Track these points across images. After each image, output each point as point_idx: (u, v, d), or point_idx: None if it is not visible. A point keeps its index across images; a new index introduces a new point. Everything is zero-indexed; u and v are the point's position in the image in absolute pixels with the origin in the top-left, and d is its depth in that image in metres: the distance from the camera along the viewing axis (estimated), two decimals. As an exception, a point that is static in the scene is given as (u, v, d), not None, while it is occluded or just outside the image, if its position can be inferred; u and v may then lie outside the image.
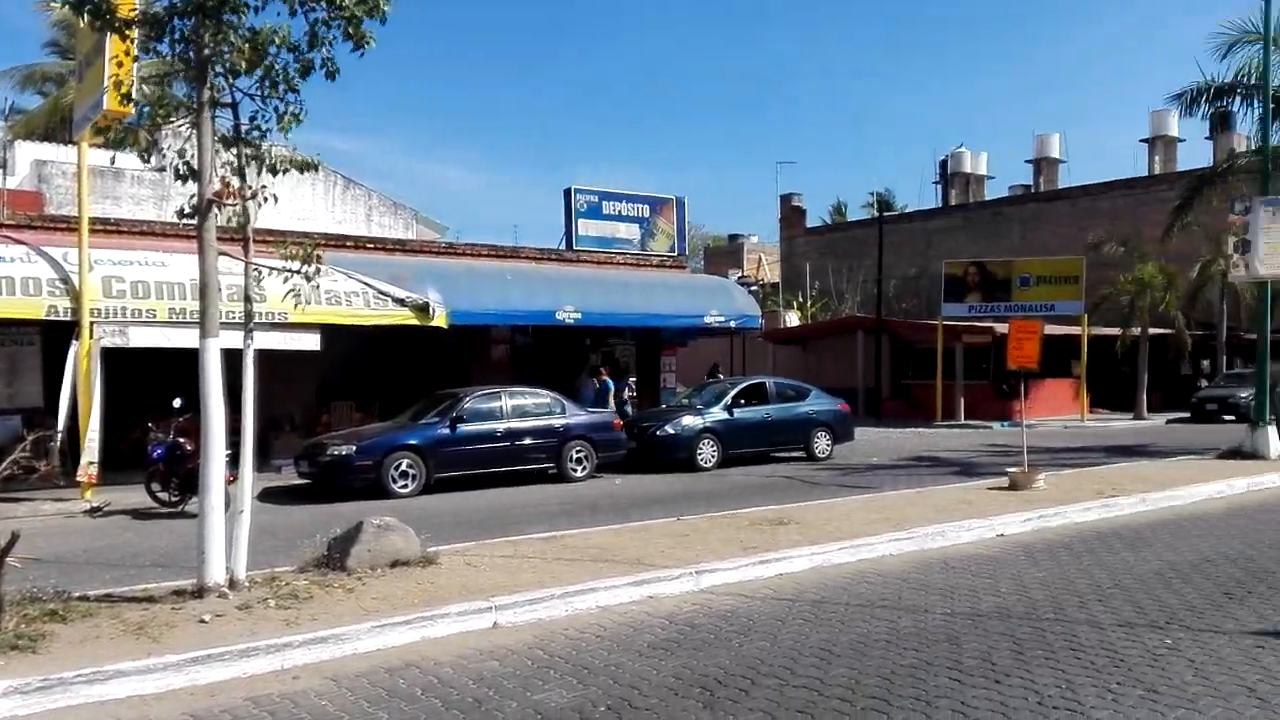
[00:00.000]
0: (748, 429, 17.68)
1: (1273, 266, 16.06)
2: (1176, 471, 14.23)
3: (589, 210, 21.92)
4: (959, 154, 49.21)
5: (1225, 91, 19.41)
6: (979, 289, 29.83)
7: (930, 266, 40.13)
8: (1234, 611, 6.50)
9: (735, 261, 55.84)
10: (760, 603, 7.06)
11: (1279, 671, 5.19)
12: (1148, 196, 38.17)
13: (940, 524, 9.64)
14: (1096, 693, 4.93)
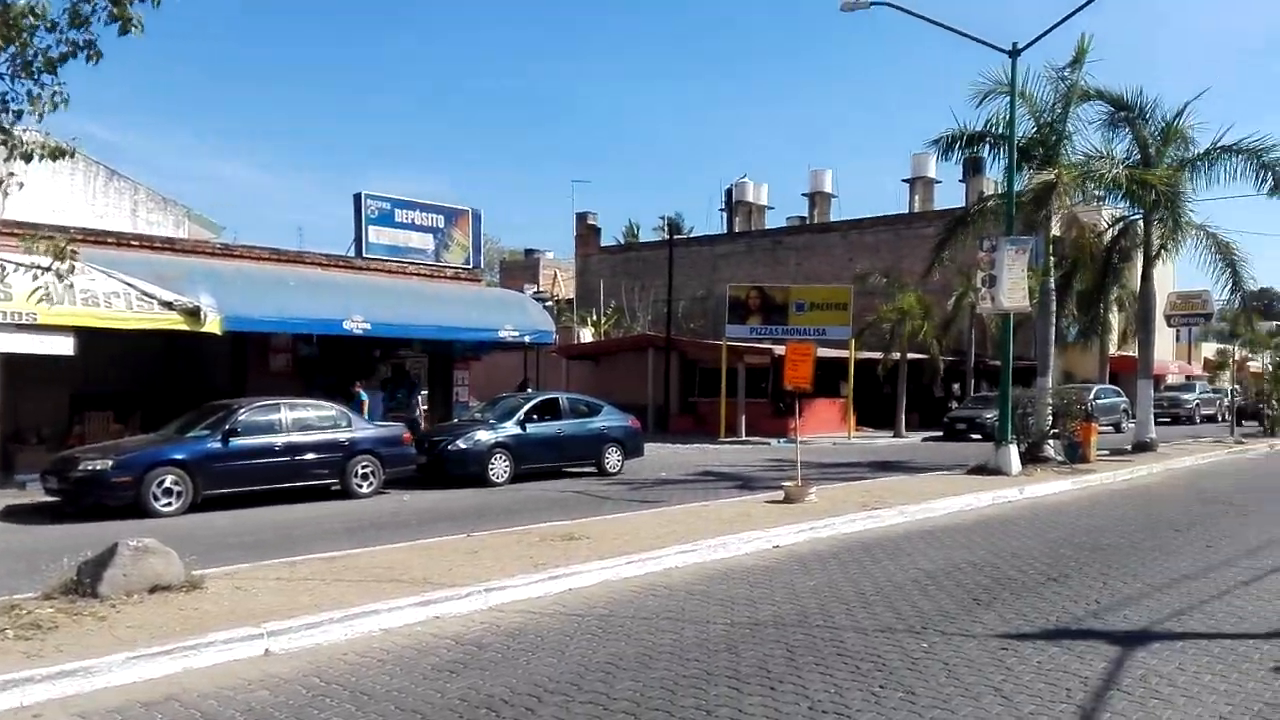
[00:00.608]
0: (541, 444, 17.67)
1: (1014, 300, 17.82)
2: (931, 486, 15.46)
3: (381, 217, 21.26)
4: (743, 184, 51.53)
5: (977, 139, 21.46)
6: (760, 312, 31.32)
7: (716, 289, 41.75)
8: (981, 616, 7.13)
9: (531, 276, 55.89)
10: (549, 619, 7.06)
11: (1021, 671, 5.73)
12: (908, 232, 41.55)
13: (722, 536, 10.01)
14: (862, 696, 5.26)
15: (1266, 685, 5.43)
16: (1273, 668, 5.77)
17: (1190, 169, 22.50)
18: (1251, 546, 10.13)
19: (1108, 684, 5.46)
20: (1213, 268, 23.60)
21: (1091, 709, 5.04)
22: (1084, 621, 6.94)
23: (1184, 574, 8.67)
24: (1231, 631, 6.66)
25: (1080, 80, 20.90)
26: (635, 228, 61.65)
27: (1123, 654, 6.06)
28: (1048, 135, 21.00)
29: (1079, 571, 8.80)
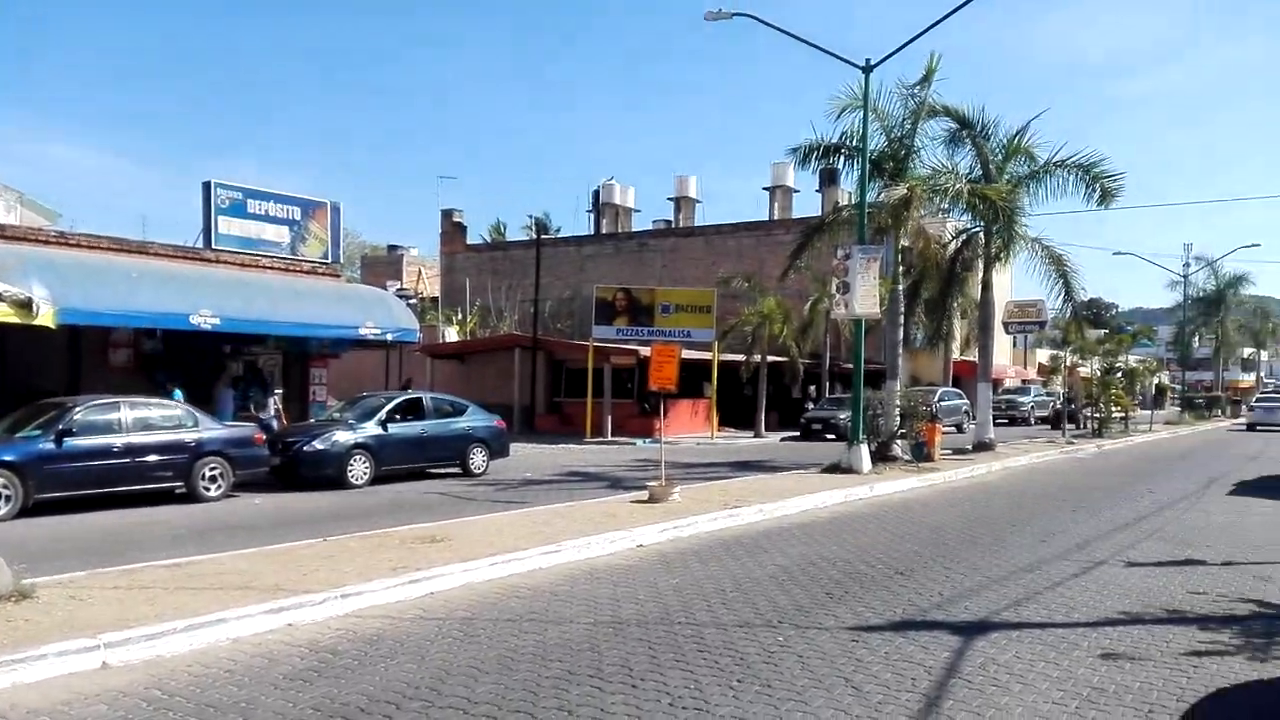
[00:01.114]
0: (403, 445, 17.29)
1: (867, 306, 18.57)
2: (788, 485, 15.93)
3: (232, 208, 20.34)
4: (610, 186, 51.83)
5: (833, 150, 22.29)
6: (627, 313, 31.58)
7: (583, 289, 41.85)
8: (834, 610, 7.40)
9: (395, 273, 54.56)
10: (409, 624, 6.92)
11: (870, 662, 5.98)
12: (769, 239, 42.73)
13: (587, 536, 10.04)
14: (720, 690, 5.38)
15: (1094, 671, 5.83)
16: (1100, 654, 6.21)
17: (1027, 184, 23.99)
18: (1081, 540, 10.87)
19: (950, 673, 5.76)
20: (1046, 278, 25.25)
21: (935, 697, 5.31)
22: (929, 613, 7.30)
23: (1020, 567, 9.23)
24: (1063, 621, 7.12)
25: (929, 97, 21.98)
26: (502, 226, 61.04)
27: (964, 644, 6.41)
28: (898, 149, 22.00)
29: (924, 565, 9.25)
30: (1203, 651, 6.26)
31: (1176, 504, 14.51)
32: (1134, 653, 6.23)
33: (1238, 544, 10.71)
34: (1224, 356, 69.92)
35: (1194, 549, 10.34)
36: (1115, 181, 23.03)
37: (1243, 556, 9.91)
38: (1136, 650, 6.29)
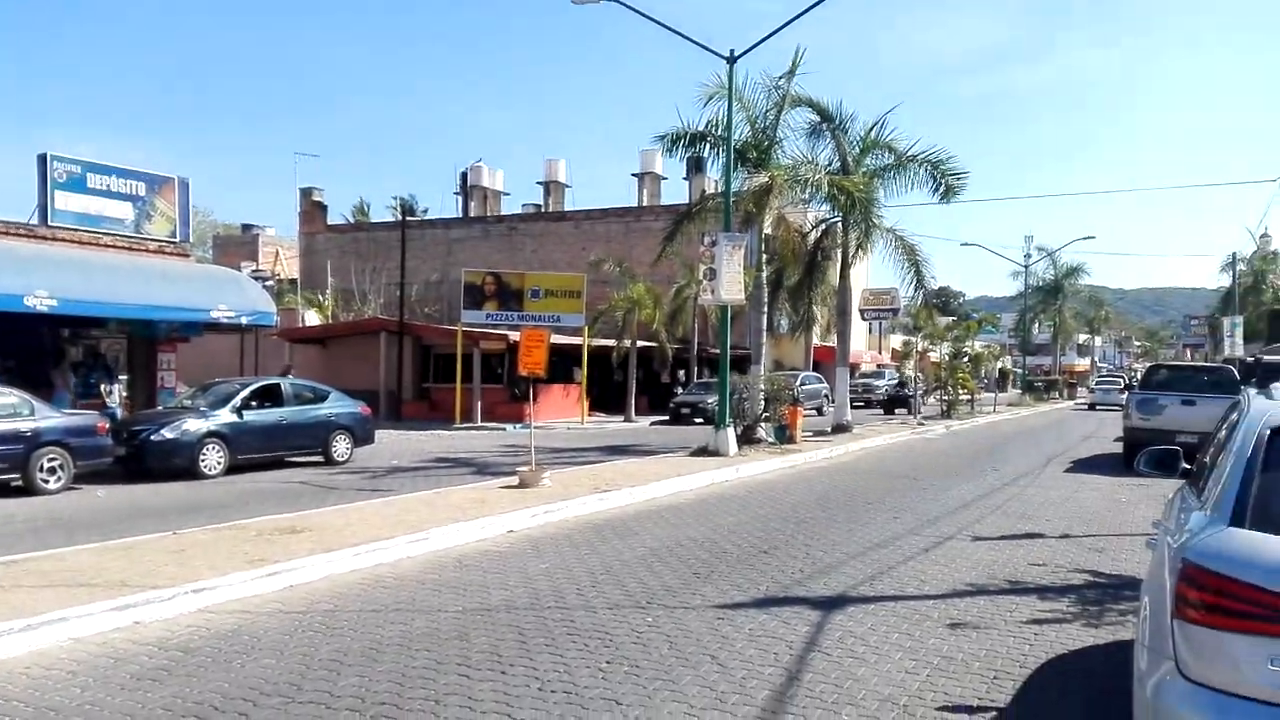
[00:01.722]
0: (260, 433, 16.62)
1: (732, 293, 18.95)
2: (658, 468, 16.14)
3: (70, 182, 19.02)
4: (478, 168, 51.09)
5: (699, 139, 22.59)
6: (496, 298, 31.23)
7: (452, 273, 41.14)
8: (701, 589, 7.55)
9: (250, 254, 52.34)
10: (267, 618, 6.68)
11: (735, 639, 6.13)
12: (638, 225, 43.06)
13: (456, 524, 9.91)
14: (590, 672, 5.41)
15: (943, 640, 6.15)
16: (948, 624, 6.54)
17: (882, 176, 24.92)
18: (931, 516, 11.43)
19: (810, 646, 5.97)
20: (900, 267, 26.34)
21: (796, 670, 5.50)
22: (790, 590, 7.54)
23: (875, 543, 9.63)
24: (914, 593, 7.48)
25: (792, 90, 22.55)
26: (366, 207, 59.26)
27: (823, 618, 6.65)
28: (761, 140, 22.50)
29: (786, 544, 9.54)
30: (1043, 620, 6.68)
31: (1018, 480, 15.42)
32: (980, 622, 6.60)
33: (1074, 518, 11.48)
34: (1061, 342, 74.75)
35: (1034, 523, 11.02)
36: (959, 179, 24.18)
37: (1078, 530, 10.62)
38: (982, 620, 6.66)
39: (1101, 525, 10.96)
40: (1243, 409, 3.94)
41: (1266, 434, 3.36)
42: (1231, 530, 3.12)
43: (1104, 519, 11.45)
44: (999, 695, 5.12)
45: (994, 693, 5.16)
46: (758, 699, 5.01)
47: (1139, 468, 5.30)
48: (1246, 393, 4.13)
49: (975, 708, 4.94)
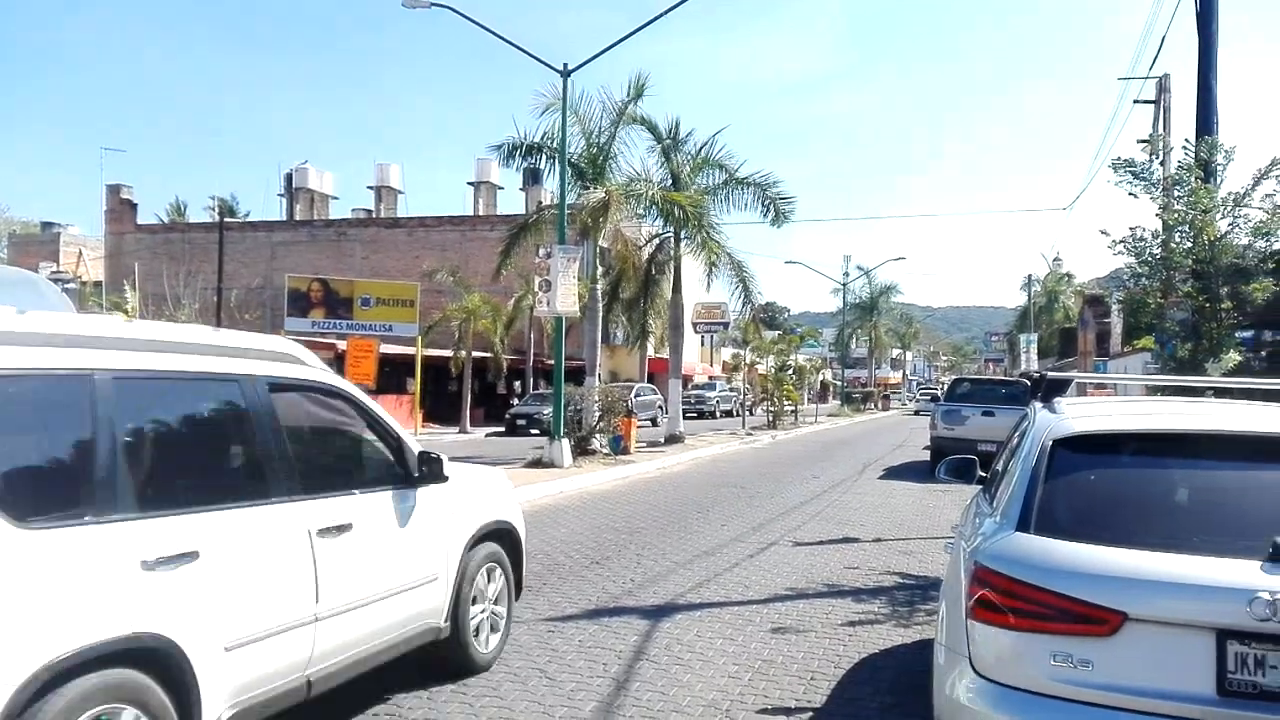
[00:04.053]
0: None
1: (567, 305, 19.04)
2: (491, 481, 15.93)
3: None
4: (304, 170, 49.24)
5: (536, 149, 22.65)
6: (323, 305, 30.25)
7: (275, 279, 39.41)
8: (532, 602, 7.52)
9: (51, 254, 48.44)
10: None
11: (565, 651, 6.14)
12: (474, 234, 42.60)
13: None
14: (414, 696, 5.29)
15: (765, 644, 6.38)
16: (770, 629, 6.79)
17: (714, 194, 25.67)
18: (756, 523, 11.82)
19: (638, 655, 6.07)
20: (729, 282, 27.17)
21: (624, 680, 5.57)
22: (620, 599, 7.64)
23: (703, 550, 9.88)
24: (739, 599, 7.72)
25: (629, 107, 22.92)
26: (181, 207, 56.02)
27: (651, 626, 6.77)
28: (597, 155, 22.75)
29: (618, 554, 9.65)
30: (856, 621, 7.04)
31: (837, 487, 16.18)
32: (799, 626, 6.89)
33: (886, 522, 12.15)
34: (877, 356, 78.89)
35: (850, 528, 11.60)
36: (788, 203, 25.25)
37: (890, 533, 11.25)
38: (801, 623, 6.96)
39: (911, 529, 11.65)
40: (1030, 421, 4.28)
41: (1049, 445, 3.62)
42: (1018, 535, 3.37)
43: (913, 523, 12.17)
44: (815, 696, 5.36)
45: (810, 693, 5.40)
46: (585, 711, 5.05)
47: (939, 475, 5.66)
48: (1033, 406, 4.49)
49: (793, 709, 5.15)
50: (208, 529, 3.72)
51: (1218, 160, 12.05)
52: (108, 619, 3.21)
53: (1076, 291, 62.83)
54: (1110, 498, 3.50)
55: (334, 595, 4.31)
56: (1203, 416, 3.98)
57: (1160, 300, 12.64)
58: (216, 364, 4.18)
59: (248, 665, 3.81)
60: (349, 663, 4.52)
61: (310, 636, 4.17)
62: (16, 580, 2.96)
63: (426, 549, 5.15)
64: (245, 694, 3.81)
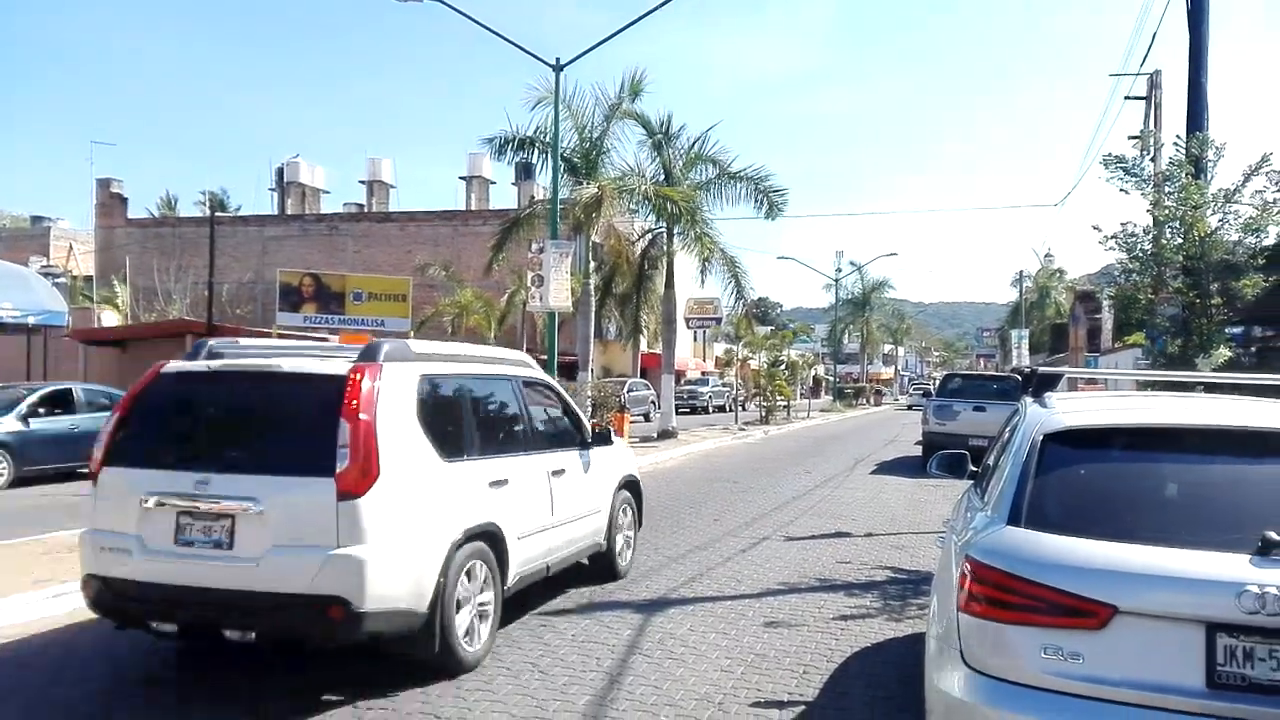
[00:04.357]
0: (50, 442, 15.32)
1: (559, 300, 19.05)
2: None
3: None
4: (295, 164, 49.06)
5: (528, 144, 22.63)
6: (315, 300, 29.99)
7: (266, 273, 39.31)
8: (526, 598, 7.52)
9: (40, 248, 48.12)
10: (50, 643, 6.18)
11: (558, 646, 6.16)
12: (466, 229, 42.49)
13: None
14: (408, 687, 5.31)
15: (758, 638, 6.41)
16: (763, 623, 6.82)
17: (707, 189, 25.68)
18: (749, 518, 11.86)
19: (631, 649, 6.09)
20: (722, 277, 27.19)
21: (618, 674, 5.59)
22: (613, 594, 7.65)
23: (696, 545, 9.91)
24: (732, 593, 7.75)
25: (624, 102, 22.91)
26: (172, 200, 55.81)
27: (644, 621, 6.79)
28: (590, 149, 22.73)
29: (611, 549, 9.64)
30: (849, 615, 7.07)
31: (829, 482, 16.23)
32: (792, 620, 6.91)
33: (878, 517, 12.20)
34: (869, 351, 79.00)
35: (842, 522, 11.64)
36: (780, 196, 25.25)
37: (882, 528, 11.29)
38: (794, 617, 6.99)
39: (902, 524, 11.69)
40: (1021, 416, 4.30)
41: (1040, 440, 3.65)
42: (1009, 529, 3.40)
43: (905, 518, 12.22)
44: (808, 689, 5.39)
45: (803, 687, 5.43)
46: (579, 705, 5.07)
47: (931, 470, 5.68)
48: (1024, 401, 4.51)
49: (786, 702, 5.18)
50: (510, 467, 6.24)
51: (1208, 156, 12.10)
52: (477, 512, 5.72)
53: (1068, 287, 63.06)
54: (1101, 492, 3.53)
55: (559, 513, 6.87)
56: (1193, 411, 4.01)
57: (1151, 296, 12.69)
58: (501, 369, 6.82)
59: (526, 549, 6.33)
60: (562, 558, 7.09)
61: (549, 538, 6.73)
62: (446, 490, 5.50)
63: (596, 490, 7.73)
64: (524, 567, 6.34)
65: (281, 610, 4.83)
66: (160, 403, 5.51)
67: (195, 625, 5.06)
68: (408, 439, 5.30)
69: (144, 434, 5.40)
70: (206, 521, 4.96)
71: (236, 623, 4.87)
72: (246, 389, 5.46)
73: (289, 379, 5.41)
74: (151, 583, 5.01)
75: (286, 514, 4.90)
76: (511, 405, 6.73)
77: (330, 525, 4.84)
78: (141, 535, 5.06)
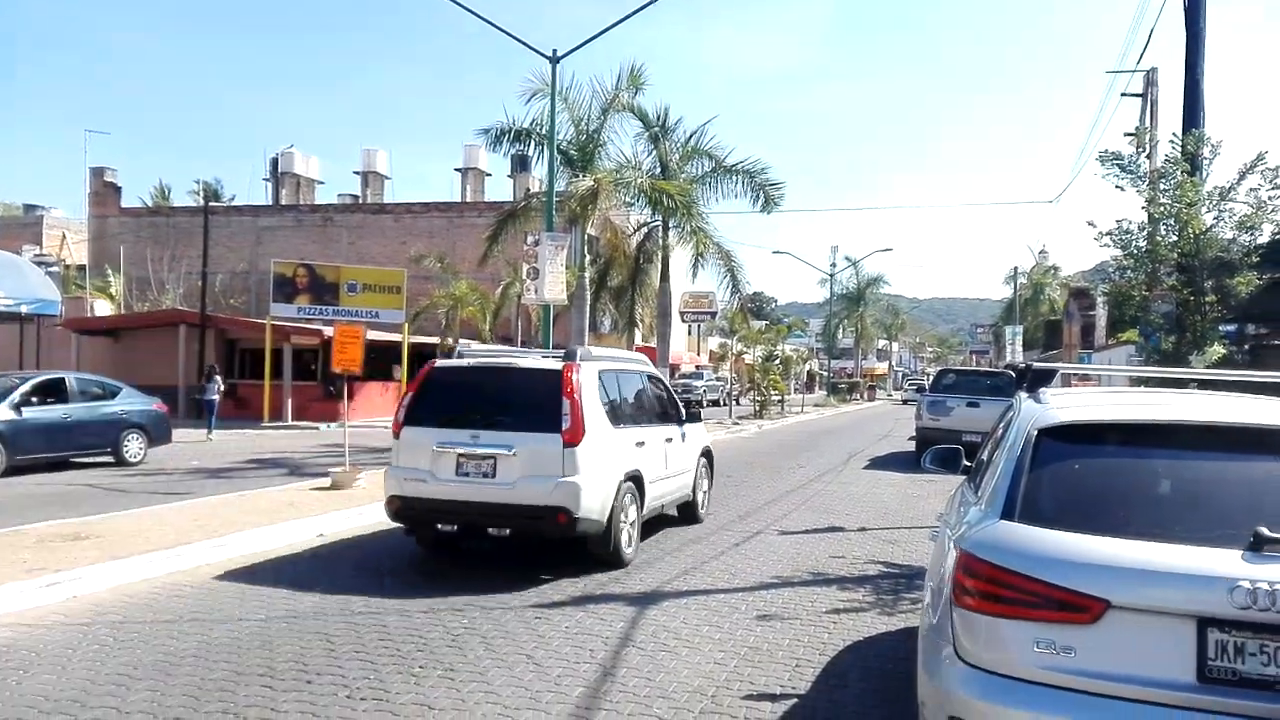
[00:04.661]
0: (42, 431, 15.29)
1: (554, 292, 19.02)
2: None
3: None
4: (290, 154, 48.87)
5: (525, 135, 22.54)
6: (309, 291, 29.93)
7: (260, 264, 39.22)
8: (520, 589, 7.53)
9: (34, 237, 47.98)
10: (48, 630, 6.18)
11: (552, 637, 6.17)
12: (461, 220, 42.39)
13: (261, 527, 9.48)
14: (402, 678, 5.32)
15: (750, 631, 6.42)
16: (756, 616, 6.83)
17: (703, 183, 25.62)
18: (742, 512, 11.86)
19: (625, 641, 6.10)
20: (717, 271, 27.16)
21: (611, 666, 5.60)
22: (607, 586, 7.66)
23: (690, 539, 9.91)
24: (725, 587, 7.76)
25: (622, 95, 22.84)
26: (166, 190, 55.46)
27: (638, 613, 6.80)
28: (586, 142, 22.67)
29: (605, 542, 9.65)
30: (842, 609, 7.09)
31: (822, 477, 16.25)
32: (785, 613, 6.93)
33: (871, 512, 12.22)
34: (863, 347, 79.06)
35: (835, 517, 11.65)
36: (777, 189, 25.18)
37: (875, 523, 11.31)
38: (787, 611, 7.00)
39: (895, 519, 11.71)
40: (1015, 411, 4.31)
41: (1034, 435, 3.65)
42: (1003, 523, 3.40)
43: (898, 513, 12.24)
44: (800, 683, 5.40)
45: (796, 680, 5.44)
46: (572, 696, 5.08)
47: (925, 465, 5.69)
48: (1019, 396, 4.52)
49: (779, 695, 5.19)
50: (644, 434, 9.08)
51: (1204, 154, 12.12)
52: (630, 462, 8.52)
53: (1062, 284, 63.13)
54: (1094, 487, 3.54)
55: (669, 468, 9.69)
56: (1187, 408, 4.01)
57: (1145, 293, 12.71)
58: (636, 367, 9.93)
59: (653, 490, 9.12)
60: (669, 501, 9.97)
61: (663, 485, 9.54)
62: (615, 446, 8.27)
63: (688, 454, 10.53)
64: (651, 503, 9.10)
65: (528, 516, 7.84)
66: (437, 386, 8.47)
67: (469, 526, 8.09)
68: (596, 412, 8.20)
69: (428, 406, 8.33)
70: (477, 460, 7.91)
71: (498, 524, 7.97)
72: (496, 377, 8.54)
73: (525, 371, 8.43)
74: (440, 499, 7.98)
75: (530, 456, 7.81)
76: (643, 393, 9.78)
77: (558, 463, 7.77)
78: (433, 470, 8.03)
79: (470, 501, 7.90)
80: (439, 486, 7.97)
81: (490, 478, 7.85)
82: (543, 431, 7.82)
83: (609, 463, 8.15)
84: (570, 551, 8.34)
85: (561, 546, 8.44)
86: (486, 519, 7.93)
